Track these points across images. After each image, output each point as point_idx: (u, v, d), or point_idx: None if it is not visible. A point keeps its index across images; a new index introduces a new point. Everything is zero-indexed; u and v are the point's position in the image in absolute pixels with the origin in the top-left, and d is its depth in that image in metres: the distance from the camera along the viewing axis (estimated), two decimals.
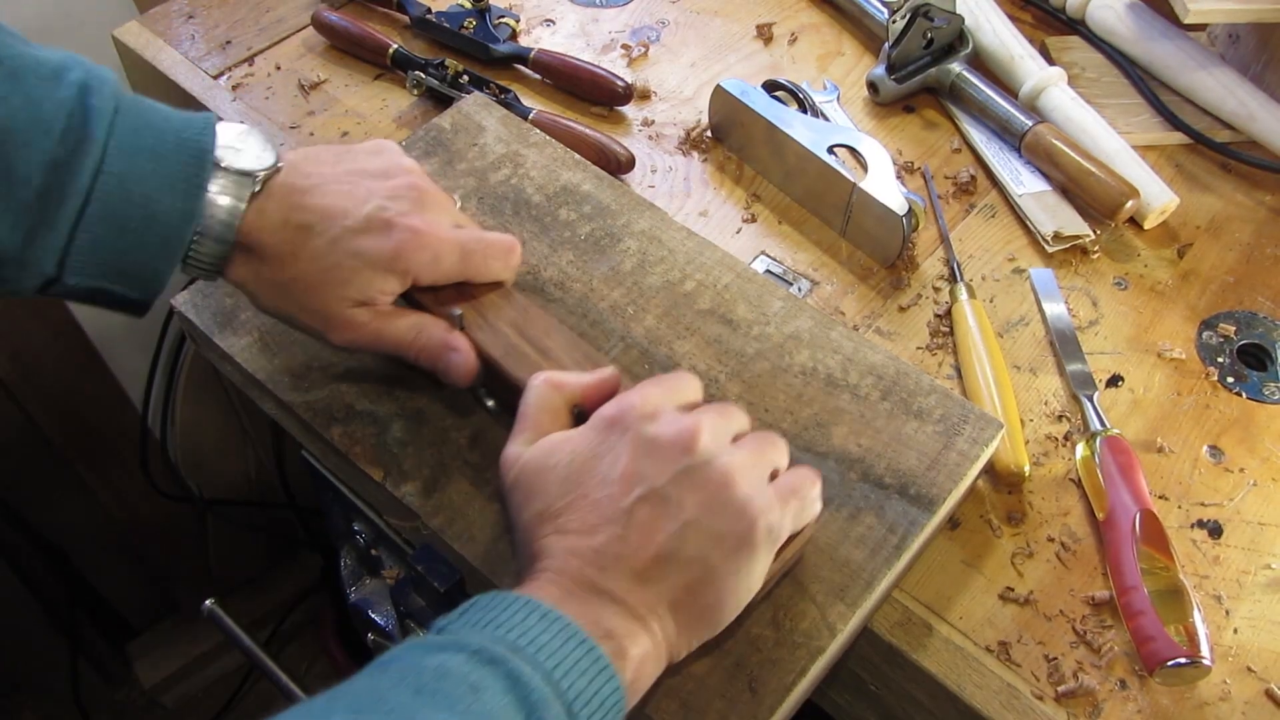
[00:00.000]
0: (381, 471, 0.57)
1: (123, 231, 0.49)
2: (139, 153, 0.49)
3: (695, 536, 0.45)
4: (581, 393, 0.52)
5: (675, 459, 0.46)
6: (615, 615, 0.43)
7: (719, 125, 0.81)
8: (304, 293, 0.54)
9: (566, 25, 0.91)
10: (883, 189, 0.71)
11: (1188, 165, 0.82)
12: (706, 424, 0.47)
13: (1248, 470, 0.64)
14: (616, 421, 0.48)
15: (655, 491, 0.45)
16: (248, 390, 0.64)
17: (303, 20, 0.89)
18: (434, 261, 0.55)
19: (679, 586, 0.45)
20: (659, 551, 0.44)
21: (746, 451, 0.48)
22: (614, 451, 0.47)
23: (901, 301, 0.71)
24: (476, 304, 0.58)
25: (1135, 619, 0.54)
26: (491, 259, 0.58)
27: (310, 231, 0.53)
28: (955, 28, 0.83)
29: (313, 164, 0.55)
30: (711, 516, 0.45)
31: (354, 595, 0.84)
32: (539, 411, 0.51)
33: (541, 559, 0.45)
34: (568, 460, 0.47)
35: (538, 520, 0.47)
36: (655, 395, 0.49)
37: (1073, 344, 0.69)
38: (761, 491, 0.47)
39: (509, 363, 0.55)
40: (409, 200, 0.55)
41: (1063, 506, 0.61)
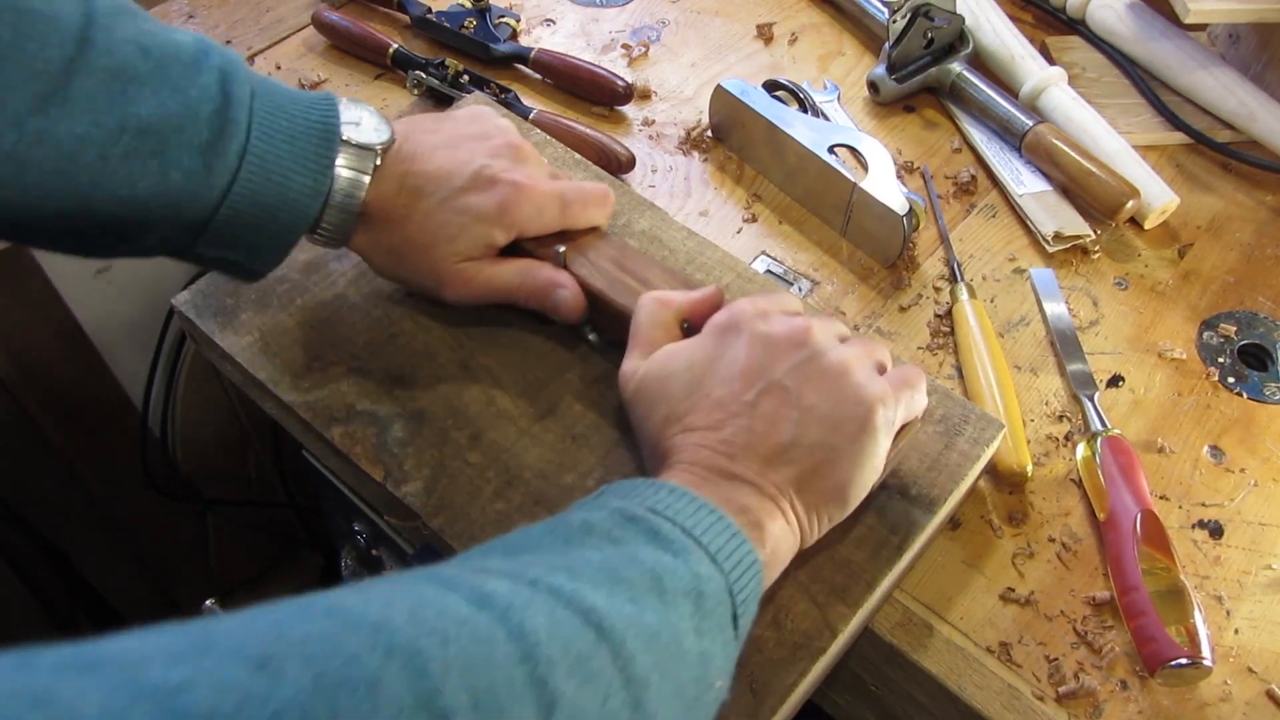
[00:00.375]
0: (382, 471, 0.57)
1: (259, 208, 0.52)
2: (276, 134, 0.52)
3: (817, 423, 0.47)
4: (689, 307, 0.55)
5: (791, 352, 0.49)
6: (749, 494, 0.46)
7: (719, 125, 0.81)
8: (417, 252, 0.57)
9: (567, 25, 0.91)
10: (883, 189, 0.71)
11: (1188, 165, 0.82)
12: (816, 323, 0.50)
13: (1248, 470, 0.63)
14: (730, 325, 0.51)
15: (775, 383, 0.48)
16: (248, 390, 0.64)
17: (303, 20, 0.89)
18: (537, 213, 0.58)
19: (806, 469, 0.47)
20: (784, 438, 0.47)
21: (857, 346, 0.51)
22: (731, 351, 0.50)
23: (902, 301, 0.71)
24: (577, 245, 0.61)
25: (1136, 619, 0.54)
26: (589, 206, 0.60)
27: (421, 194, 0.56)
28: (956, 27, 0.83)
29: (418, 132, 0.58)
30: (831, 404, 0.48)
31: None
32: (651, 328, 0.54)
33: (673, 456, 0.48)
34: (687, 365, 0.50)
35: (664, 424, 0.49)
36: (763, 302, 0.52)
37: (1073, 344, 0.69)
38: (875, 380, 0.49)
39: (614, 292, 0.58)
40: (509, 158, 0.58)
41: (1063, 507, 0.61)
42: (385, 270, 0.60)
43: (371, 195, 0.55)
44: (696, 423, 0.48)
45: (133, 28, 0.50)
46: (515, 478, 0.56)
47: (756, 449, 0.47)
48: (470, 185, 0.57)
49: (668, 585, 0.39)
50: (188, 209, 0.51)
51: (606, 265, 0.60)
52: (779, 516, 0.46)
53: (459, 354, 0.62)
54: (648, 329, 0.54)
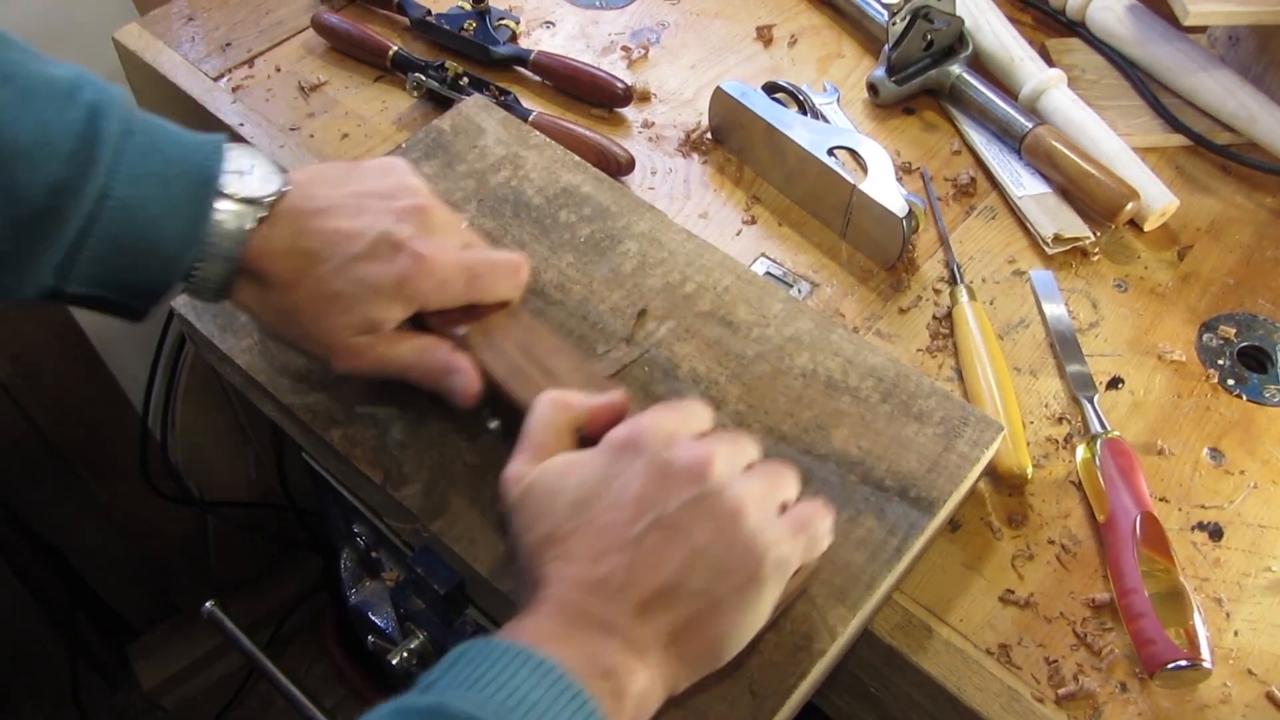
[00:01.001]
0: (382, 474, 0.57)
1: (123, 251, 0.49)
2: (145, 178, 0.49)
3: (703, 568, 0.44)
4: (588, 415, 0.51)
5: (688, 486, 0.45)
6: (616, 651, 0.43)
7: (719, 127, 0.81)
8: (309, 320, 0.53)
9: (566, 27, 0.91)
10: (883, 191, 0.71)
11: (1188, 167, 0.82)
12: (721, 452, 0.47)
13: (1248, 472, 0.64)
14: (629, 445, 0.47)
15: (665, 519, 0.45)
16: (248, 392, 0.64)
17: (303, 22, 0.89)
18: (440, 287, 0.54)
19: (683, 619, 0.44)
20: (665, 582, 0.44)
21: (759, 482, 0.47)
22: (625, 475, 0.46)
23: (902, 303, 0.71)
24: (482, 324, 0.57)
25: (1136, 621, 0.54)
26: (499, 279, 0.57)
27: (315, 258, 0.52)
28: (955, 30, 0.83)
29: (319, 185, 0.55)
30: (721, 547, 0.44)
31: (354, 597, 0.84)
32: (544, 430, 0.50)
33: (544, 587, 0.44)
34: (577, 483, 0.47)
35: (542, 544, 0.46)
36: (668, 420, 0.49)
37: (1073, 346, 0.69)
38: (772, 524, 0.46)
39: (513, 384, 0.55)
40: (415, 223, 0.54)
41: (1063, 509, 0.61)
42: (273, 332, 0.56)
43: (257, 250, 0.52)
44: (575, 552, 0.45)
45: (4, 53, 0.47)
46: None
47: (634, 592, 0.44)
48: (369, 253, 0.52)
49: None
50: (44, 248, 0.48)
51: (511, 350, 0.56)
52: (644, 675, 0.43)
53: None
54: (540, 431, 0.50)
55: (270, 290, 0.53)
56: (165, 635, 1.53)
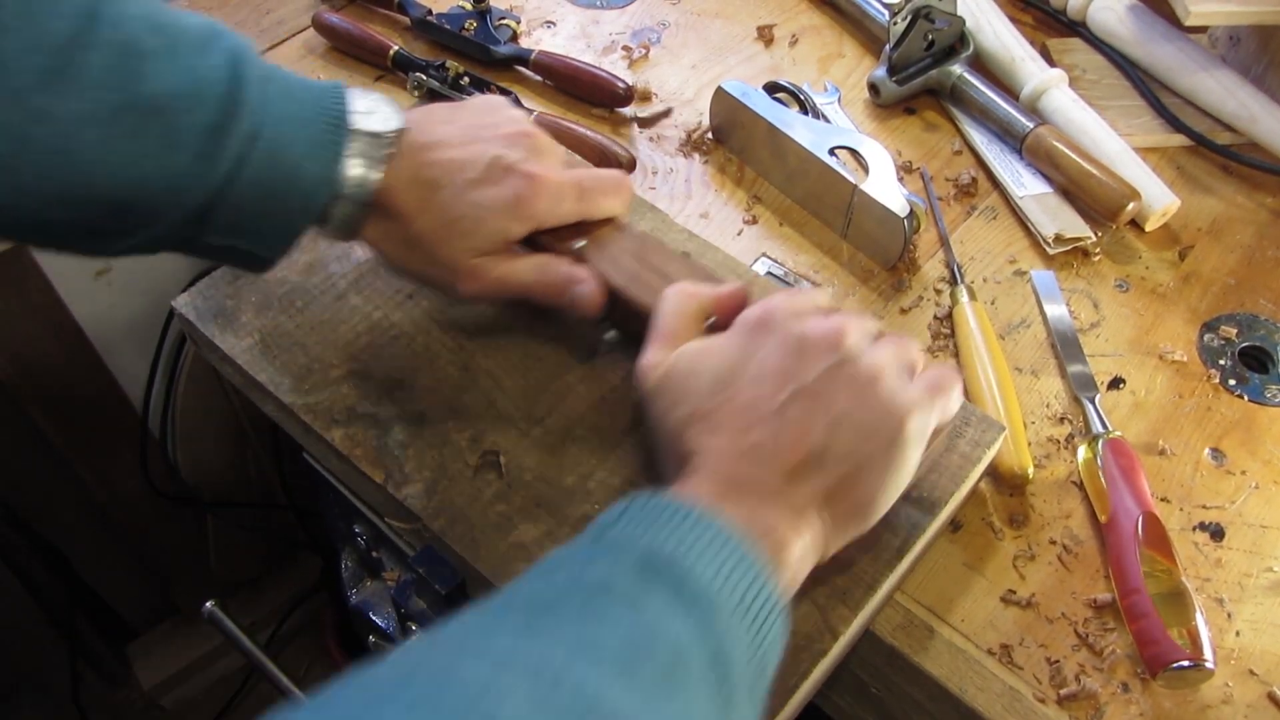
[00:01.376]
0: (382, 474, 0.57)
1: (267, 195, 0.51)
2: (286, 120, 0.51)
3: (848, 432, 0.46)
4: (715, 302, 0.54)
5: (824, 356, 0.47)
6: (773, 511, 0.44)
7: (720, 127, 0.81)
8: (432, 245, 0.56)
9: (567, 27, 0.91)
10: (884, 191, 0.71)
11: (1189, 167, 0.82)
12: (851, 324, 0.49)
13: (1249, 473, 0.63)
14: (763, 323, 0.49)
15: (806, 389, 0.46)
16: (248, 392, 0.63)
17: (303, 22, 0.89)
18: (554, 205, 0.57)
19: (833, 480, 0.46)
20: (813, 447, 0.45)
21: (890, 349, 0.49)
22: (762, 351, 0.48)
23: (903, 304, 0.71)
24: (595, 238, 0.59)
25: (1137, 621, 0.54)
26: (606, 194, 0.59)
27: (436, 186, 0.55)
28: (956, 30, 0.83)
29: (432, 122, 0.57)
30: (863, 411, 0.46)
31: (355, 597, 0.84)
32: (675, 320, 0.52)
33: (695, 458, 0.46)
34: (715, 363, 0.49)
35: (686, 421, 0.48)
36: (795, 301, 0.51)
37: (1074, 346, 0.69)
38: (908, 387, 0.48)
39: (634, 289, 0.57)
40: (524, 148, 0.57)
41: (1064, 509, 0.61)
42: (398, 264, 0.58)
43: (384, 185, 0.54)
44: (723, 423, 0.47)
45: (143, 3, 0.49)
46: (516, 480, 0.56)
47: (784, 457, 0.45)
48: (485, 177, 0.55)
49: (691, 664, 0.37)
50: (193, 193, 0.49)
51: (626, 260, 0.58)
52: (803, 533, 0.45)
53: (459, 356, 0.62)
54: (672, 321, 0.52)
55: (395, 222, 0.55)
56: (165, 635, 1.53)
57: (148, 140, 0.48)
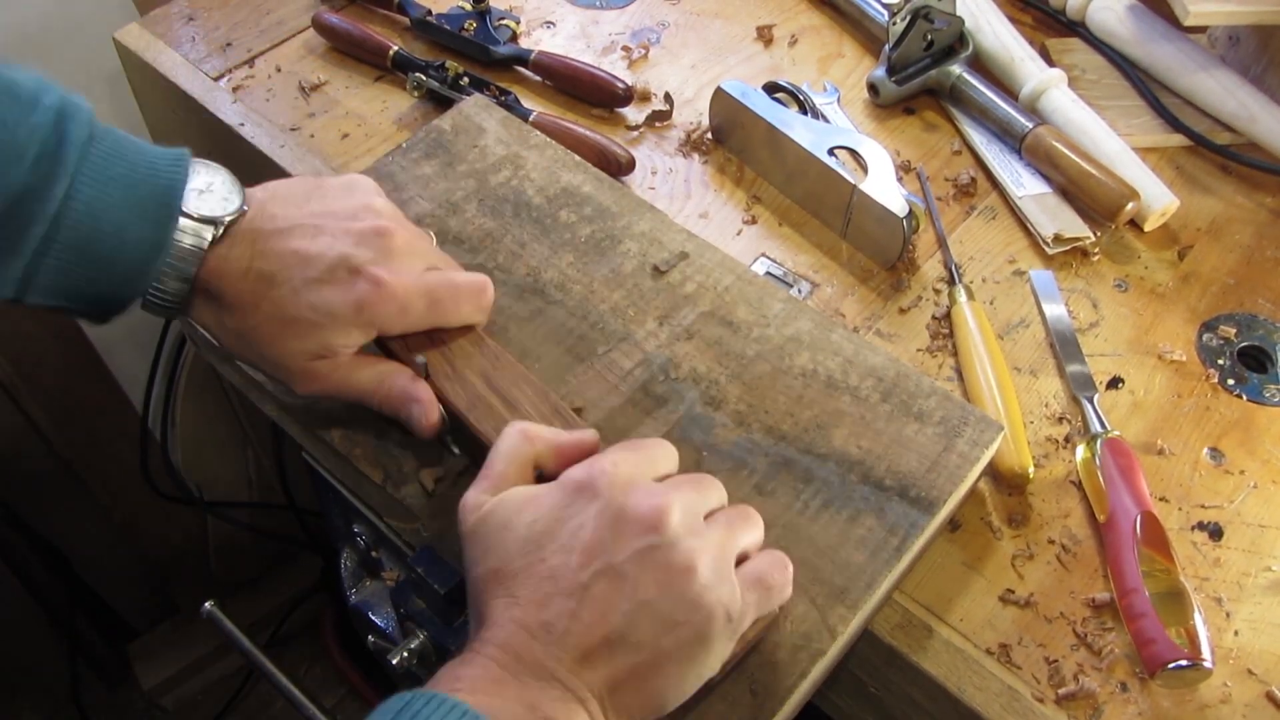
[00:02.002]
0: (381, 473, 0.57)
1: (88, 261, 0.49)
2: (110, 182, 0.49)
3: (649, 620, 0.43)
4: (554, 451, 0.50)
5: (640, 536, 0.44)
6: (556, 700, 0.42)
7: (719, 127, 0.81)
8: (265, 344, 0.53)
9: (567, 27, 0.91)
10: (883, 191, 0.71)
11: (1188, 167, 0.82)
12: (679, 501, 0.45)
13: (1248, 472, 0.64)
14: (586, 487, 0.46)
15: (614, 567, 0.44)
16: (248, 392, 0.63)
17: (303, 22, 0.89)
18: (400, 313, 0.54)
19: (625, 669, 0.43)
20: (610, 631, 0.43)
21: (717, 533, 0.46)
22: (579, 518, 0.45)
23: (902, 303, 0.71)
24: (445, 350, 0.57)
25: (1136, 621, 0.54)
26: (462, 303, 0.56)
27: (272, 281, 0.52)
28: (955, 30, 0.83)
29: (280, 204, 0.54)
30: (669, 602, 0.43)
31: (354, 597, 0.84)
32: (507, 463, 0.49)
33: (488, 626, 0.44)
34: (530, 520, 0.46)
35: (491, 579, 0.45)
36: (629, 463, 0.47)
37: (1073, 346, 0.69)
38: (726, 579, 0.45)
39: (474, 415, 0.54)
40: (375, 248, 0.53)
41: (1063, 508, 0.61)
42: (232, 351, 0.55)
43: (213, 270, 0.51)
44: (522, 592, 0.44)
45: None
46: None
47: (577, 639, 0.43)
48: (327, 277, 0.52)
49: None
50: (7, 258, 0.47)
51: (473, 379, 0.55)
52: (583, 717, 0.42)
53: None
54: (503, 463, 0.49)
55: (227, 311, 0.53)
56: (165, 635, 1.53)
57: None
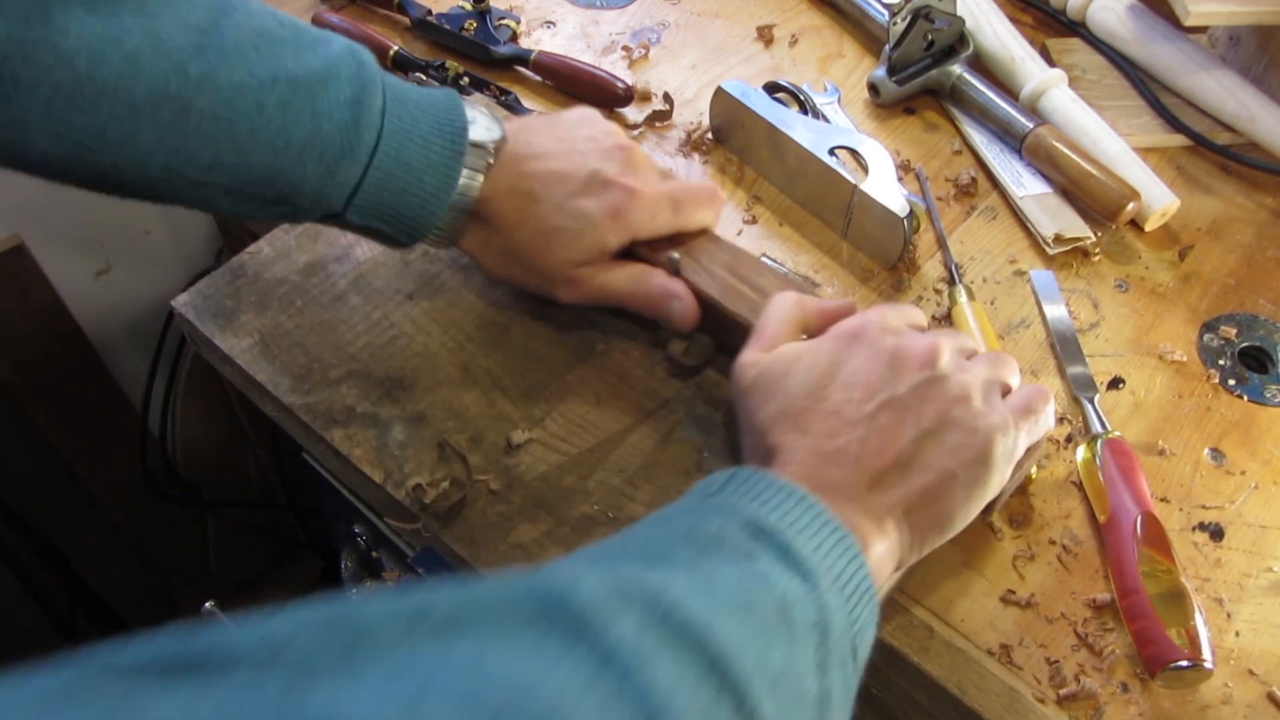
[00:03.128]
0: (382, 473, 0.57)
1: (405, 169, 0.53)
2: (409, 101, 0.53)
3: (933, 446, 0.47)
4: (819, 314, 0.54)
5: (917, 371, 0.48)
6: (855, 513, 0.45)
7: (720, 127, 0.81)
8: (532, 256, 0.57)
9: (567, 27, 0.91)
10: (884, 191, 0.71)
11: (1189, 167, 0.82)
12: (946, 342, 0.50)
13: (1249, 473, 0.63)
14: (859, 333, 0.51)
15: (896, 399, 0.47)
16: (248, 392, 0.64)
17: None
18: (650, 217, 0.58)
19: (915, 491, 0.46)
20: (898, 456, 0.47)
21: (983, 368, 0.50)
22: (856, 360, 0.49)
23: (903, 304, 0.71)
24: (689, 249, 0.60)
25: (1137, 622, 0.54)
26: (700, 206, 0.61)
27: (534, 197, 0.56)
28: (956, 30, 0.83)
29: (530, 133, 0.58)
30: (950, 429, 0.47)
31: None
32: (779, 323, 0.53)
33: (781, 454, 0.47)
34: (809, 365, 0.50)
35: (777, 418, 0.49)
36: (893, 315, 0.52)
37: (1073, 346, 0.69)
38: (997, 407, 0.49)
39: (728, 300, 0.58)
40: (620, 161, 0.58)
41: (1064, 509, 0.61)
42: (497, 272, 0.60)
43: (484, 194, 0.56)
44: (811, 425, 0.47)
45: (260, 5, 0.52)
46: (515, 480, 0.56)
47: (868, 464, 0.46)
48: (583, 189, 0.57)
49: (796, 617, 0.38)
50: (341, 165, 0.52)
51: (720, 271, 0.60)
52: (882, 539, 0.46)
53: (459, 356, 0.62)
54: (776, 324, 0.53)
55: (495, 232, 0.57)
56: None
57: (297, 111, 0.50)
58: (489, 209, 0.56)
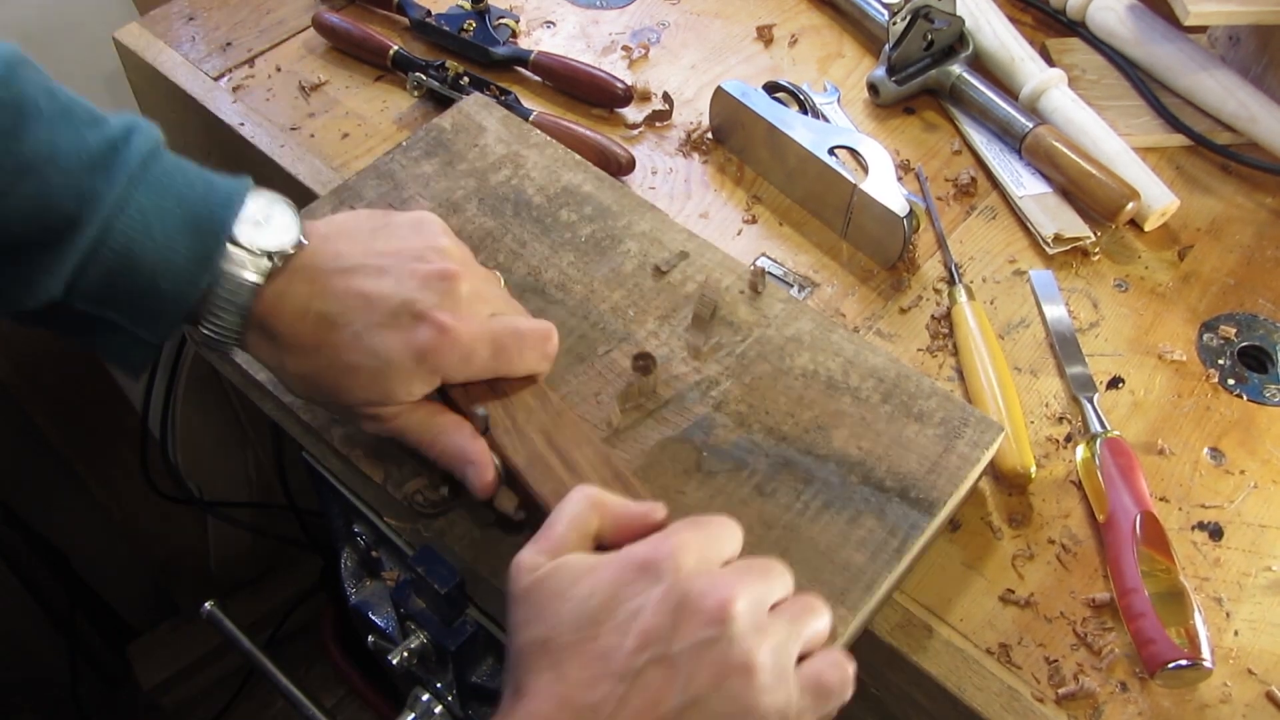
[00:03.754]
0: (382, 473, 0.57)
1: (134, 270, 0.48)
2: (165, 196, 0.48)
3: (699, 717, 0.41)
4: (618, 522, 0.48)
5: (702, 627, 0.42)
6: None
7: (720, 127, 0.81)
8: (326, 388, 0.52)
9: (567, 27, 0.91)
10: (883, 190, 0.71)
11: (1188, 167, 0.82)
12: (745, 594, 0.43)
13: (1248, 472, 0.64)
14: (649, 567, 0.44)
15: (670, 657, 0.42)
16: (248, 392, 0.63)
17: (303, 22, 0.89)
18: (464, 361, 0.52)
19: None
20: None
21: (781, 630, 0.44)
22: (639, 599, 0.43)
23: (902, 303, 0.71)
24: (507, 403, 0.55)
25: (1136, 621, 0.54)
26: (526, 351, 0.55)
27: (332, 324, 0.50)
28: (955, 30, 0.83)
29: (343, 240, 0.53)
30: (723, 701, 0.41)
31: (354, 597, 0.83)
32: (569, 527, 0.46)
33: (529, 698, 0.42)
34: (587, 593, 0.44)
35: (538, 649, 0.43)
36: (696, 545, 0.45)
37: (1073, 346, 0.69)
38: (785, 684, 0.43)
39: (532, 474, 0.53)
40: (440, 290, 0.52)
41: (1063, 508, 0.61)
42: (297, 393, 0.55)
43: (269, 307, 0.50)
44: (570, 670, 0.42)
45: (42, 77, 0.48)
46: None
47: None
48: (389, 322, 0.50)
49: None
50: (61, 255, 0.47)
51: (534, 436, 0.54)
52: None
53: None
54: (565, 525, 0.46)
55: (285, 352, 0.51)
56: (165, 635, 1.53)
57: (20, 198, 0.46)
58: (277, 324, 0.50)
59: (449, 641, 0.61)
